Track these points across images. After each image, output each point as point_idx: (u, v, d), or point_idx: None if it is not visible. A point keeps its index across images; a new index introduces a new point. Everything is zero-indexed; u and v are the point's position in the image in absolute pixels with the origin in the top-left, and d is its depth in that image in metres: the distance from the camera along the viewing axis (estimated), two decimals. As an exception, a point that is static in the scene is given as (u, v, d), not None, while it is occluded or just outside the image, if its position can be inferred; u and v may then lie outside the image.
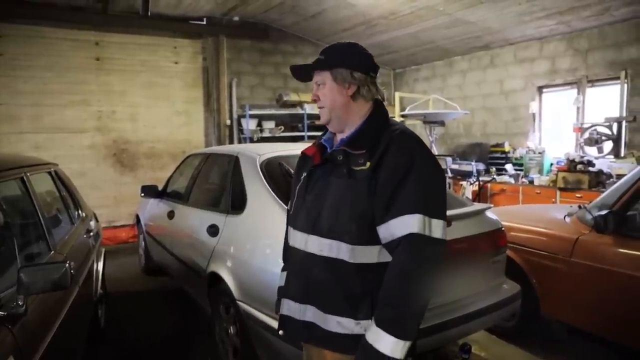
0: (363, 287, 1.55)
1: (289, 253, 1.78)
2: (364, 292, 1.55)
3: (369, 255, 1.55)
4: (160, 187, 4.94)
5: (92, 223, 3.98)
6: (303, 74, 1.75)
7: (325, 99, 1.66)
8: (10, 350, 1.60)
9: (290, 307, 1.70)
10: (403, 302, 1.44)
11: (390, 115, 1.78)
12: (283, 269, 1.95)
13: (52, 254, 2.46)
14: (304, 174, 1.74)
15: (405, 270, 1.45)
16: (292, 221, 1.75)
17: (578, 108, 6.89)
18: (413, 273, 1.45)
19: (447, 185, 7.36)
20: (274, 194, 2.94)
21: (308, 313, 1.64)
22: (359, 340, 1.51)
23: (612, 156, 6.39)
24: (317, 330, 1.61)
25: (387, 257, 1.53)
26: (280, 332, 1.76)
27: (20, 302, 1.76)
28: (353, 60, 1.66)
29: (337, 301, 1.57)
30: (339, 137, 1.72)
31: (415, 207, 1.46)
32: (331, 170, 1.62)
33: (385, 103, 1.78)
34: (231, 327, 3.09)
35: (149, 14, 7.52)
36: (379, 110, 1.70)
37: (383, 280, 1.49)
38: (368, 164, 1.54)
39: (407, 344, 1.44)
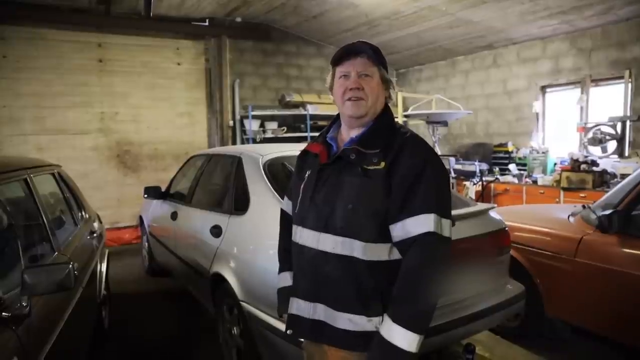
0: (375, 284, 1.57)
1: (295, 252, 1.77)
2: (376, 289, 1.57)
3: (381, 252, 1.57)
4: (163, 189, 4.95)
5: (96, 224, 3.99)
6: (344, 55, 1.66)
7: (372, 93, 1.64)
8: (15, 352, 1.60)
9: (299, 306, 1.70)
10: (420, 297, 1.48)
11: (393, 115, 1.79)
12: (280, 271, 1.95)
13: (55, 255, 2.47)
14: (308, 172, 1.74)
15: (422, 267, 1.49)
16: (300, 220, 1.73)
17: (582, 107, 6.87)
18: (429, 270, 1.49)
19: (451, 186, 7.36)
20: (276, 194, 2.94)
21: (318, 311, 1.64)
22: (368, 337, 1.53)
23: (616, 156, 6.36)
24: (327, 328, 1.62)
25: (397, 255, 1.57)
26: (289, 331, 1.75)
27: (24, 303, 1.77)
28: (387, 67, 1.71)
29: (349, 298, 1.58)
30: (347, 135, 1.72)
31: (430, 207, 1.51)
32: (342, 169, 1.63)
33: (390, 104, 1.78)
34: (235, 328, 3.09)
35: (151, 15, 7.54)
36: (388, 112, 1.73)
37: (398, 277, 1.52)
38: (382, 163, 1.56)
39: (422, 338, 1.48)
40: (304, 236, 1.70)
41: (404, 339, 1.45)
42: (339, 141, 1.74)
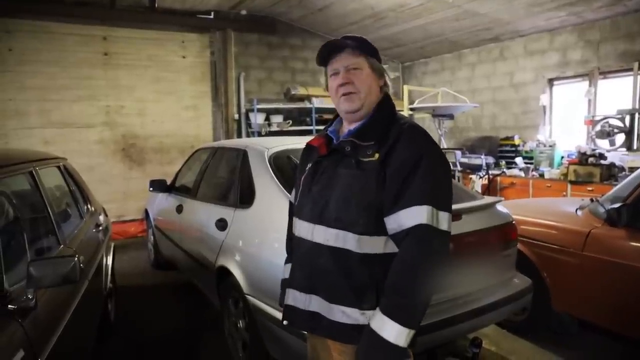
0: (369, 277, 1.55)
1: (294, 244, 1.78)
2: (370, 282, 1.55)
3: (376, 245, 1.55)
4: (168, 182, 4.95)
5: (101, 217, 3.99)
6: (328, 53, 1.68)
7: (363, 85, 1.63)
8: (21, 344, 1.60)
9: (295, 297, 1.70)
10: (411, 291, 1.45)
11: (398, 108, 1.77)
12: (287, 262, 1.95)
13: (61, 248, 2.47)
14: (309, 165, 1.74)
15: (414, 260, 1.45)
16: (298, 212, 1.75)
17: (589, 100, 6.80)
18: (421, 263, 1.45)
19: (457, 179, 7.33)
20: (282, 187, 2.93)
21: (313, 303, 1.64)
22: (362, 330, 1.51)
23: (624, 149, 6.30)
24: (322, 320, 1.62)
25: (393, 248, 1.54)
26: (285, 322, 1.76)
27: (30, 296, 1.77)
28: (377, 54, 1.67)
29: (343, 291, 1.57)
30: (346, 128, 1.72)
31: (424, 199, 1.47)
32: (338, 161, 1.63)
33: (393, 97, 1.76)
34: (240, 321, 3.10)
35: (156, 8, 7.53)
36: (387, 102, 1.70)
37: (390, 270, 1.49)
38: (377, 155, 1.55)
39: (412, 332, 1.45)
40: (300, 228, 1.71)
41: (392, 331, 1.43)
42: (340, 134, 1.74)
